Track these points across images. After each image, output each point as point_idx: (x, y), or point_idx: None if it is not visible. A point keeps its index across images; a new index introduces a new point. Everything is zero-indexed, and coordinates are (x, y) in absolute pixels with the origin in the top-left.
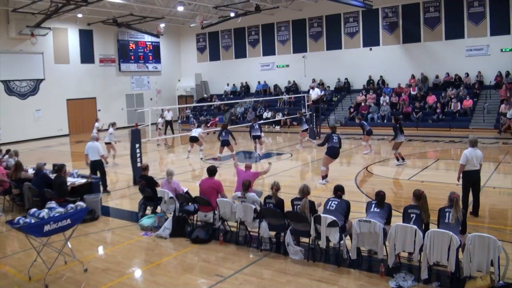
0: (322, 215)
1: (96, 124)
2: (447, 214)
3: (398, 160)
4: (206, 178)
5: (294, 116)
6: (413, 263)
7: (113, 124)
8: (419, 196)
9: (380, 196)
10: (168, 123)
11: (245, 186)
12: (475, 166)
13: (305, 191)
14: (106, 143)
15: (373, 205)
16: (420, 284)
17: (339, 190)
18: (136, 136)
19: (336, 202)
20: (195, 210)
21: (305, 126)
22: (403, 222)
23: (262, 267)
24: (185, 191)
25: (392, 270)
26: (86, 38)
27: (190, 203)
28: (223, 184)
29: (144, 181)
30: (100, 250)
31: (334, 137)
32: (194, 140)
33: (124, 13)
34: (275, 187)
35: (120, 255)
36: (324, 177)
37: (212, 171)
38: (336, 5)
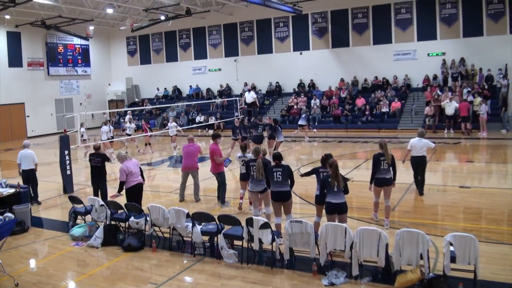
0: (254, 217)
1: (82, 130)
2: (382, 161)
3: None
4: (213, 143)
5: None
6: (345, 260)
7: (106, 122)
8: (330, 164)
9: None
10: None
11: (242, 148)
12: (419, 153)
13: (258, 151)
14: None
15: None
16: (352, 280)
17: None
18: (65, 143)
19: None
20: (127, 218)
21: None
22: (317, 180)
23: (196, 272)
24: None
25: (325, 268)
26: (14, 41)
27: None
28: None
29: (98, 158)
30: (32, 263)
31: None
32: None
33: (52, 15)
34: (262, 152)
35: (52, 267)
36: None
37: (215, 135)
38: (267, 10)
